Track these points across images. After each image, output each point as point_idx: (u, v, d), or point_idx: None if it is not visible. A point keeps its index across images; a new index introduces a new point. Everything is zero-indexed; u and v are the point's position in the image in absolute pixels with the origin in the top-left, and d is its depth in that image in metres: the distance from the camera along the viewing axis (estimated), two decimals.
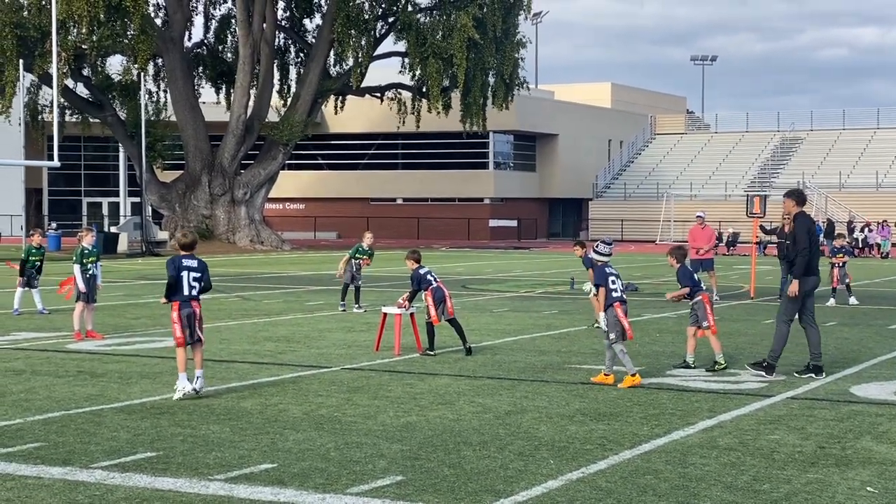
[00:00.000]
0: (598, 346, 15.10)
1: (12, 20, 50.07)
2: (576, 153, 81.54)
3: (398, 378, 13.42)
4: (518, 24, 59.19)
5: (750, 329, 19.30)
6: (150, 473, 8.57)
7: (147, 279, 32.43)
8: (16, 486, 8.20)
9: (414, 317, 16.24)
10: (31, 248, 22.04)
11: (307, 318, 21.03)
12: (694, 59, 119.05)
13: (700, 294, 14.39)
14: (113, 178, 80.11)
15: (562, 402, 11.76)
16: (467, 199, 76.71)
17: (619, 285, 13.21)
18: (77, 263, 18.06)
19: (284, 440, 9.79)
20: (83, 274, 17.98)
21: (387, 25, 59.44)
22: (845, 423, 10.75)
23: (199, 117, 57.60)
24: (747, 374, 13.79)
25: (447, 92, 58.45)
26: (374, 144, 78.69)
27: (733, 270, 37.45)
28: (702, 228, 26.21)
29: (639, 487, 8.26)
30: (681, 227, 69.29)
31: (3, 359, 15.05)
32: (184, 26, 58.26)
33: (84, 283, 17.89)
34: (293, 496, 7.96)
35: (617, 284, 13.17)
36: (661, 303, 24.62)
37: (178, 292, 11.99)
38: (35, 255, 21.80)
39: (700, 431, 10.31)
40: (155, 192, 57.38)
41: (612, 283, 13.13)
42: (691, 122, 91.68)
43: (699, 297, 14.36)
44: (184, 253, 12.16)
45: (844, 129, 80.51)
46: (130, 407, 11.41)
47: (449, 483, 8.33)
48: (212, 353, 15.57)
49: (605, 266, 13.38)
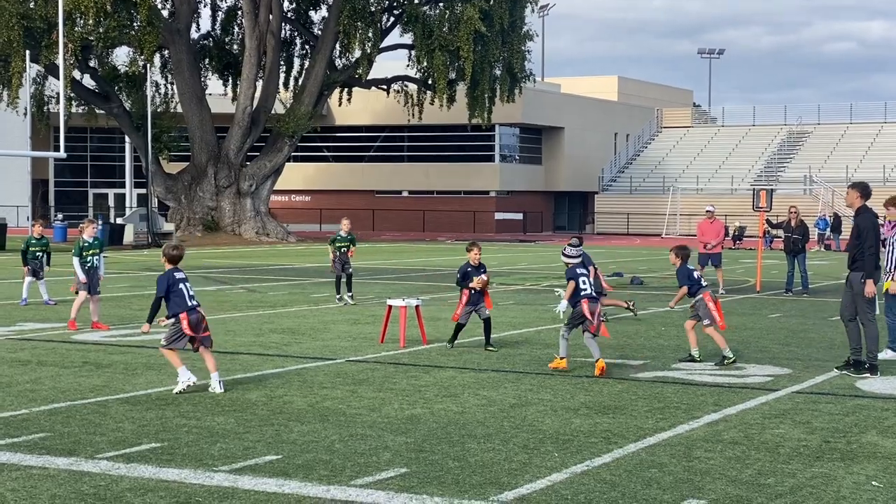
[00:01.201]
0: (602, 340, 15.09)
1: (19, 11, 50.11)
2: (582, 146, 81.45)
3: (403, 370, 13.42)
4: (525, 16, 59.14)
5: (756, 323, 19.28)
6: (155, 464, 8.58)
7: (153, 270, 32.43)
8: (21, 476, 8.22)
9: (419, 309, 16.24)
10: (30, 238, 21.96)
11: (312, 310, 21.03)
12: (701, 52, 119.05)
13: (702, 292, 14.33)
14: (119, 169, 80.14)
15: (566, 396, 11.76)
16: (473, 192, 76.66)
17: (588, 285, 13.65)
18: (76, 256, 18.13)
19: (289, 432, 9.80)
20: (82, 266, 18.04)
21: (393, 18, 59.40)
22: (850, 418, 10.73)
23: (206, 109, 57.60)
24: (752, 369, 13.76)
25: (453, 85, 58.42)
26: (380, 137, 78.66)
27: (739, 264, 37.41)
28: (710, 223, 26.15)
29: (643, 481, 8.25)
30: (687, 221, 69.31)
31: (10, 349, 15.07)
32: (190, 18, 58.27)
33: (84, 274, 17.95)
34: (297, 487, 7.96)
35: (587, 285, 13.63)
36: (666, 296, 24.58)
37: (181, 304, 11.72)
38: (35, 246, 21.61)
39: (705, 425, 10.30)
40: (161, 183, 57.41)
41: (582, 282, 13.60)
42: (698, 115, 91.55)
43: (700, 296, 14.30)
44: (172, 266, 11.94)
45: (851, 123, 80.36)
46: (136, 398, 11.42)
47: (453, 475, 8.33)
48: (217, 345, 15.54)
49: (575, 267, 13.82)
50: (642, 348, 15.66)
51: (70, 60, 49.73)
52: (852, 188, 13.88)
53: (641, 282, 28.62)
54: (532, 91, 70.55)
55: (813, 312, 21.25)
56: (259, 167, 58.60)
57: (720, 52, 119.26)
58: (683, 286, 14.40)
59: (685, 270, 14.50)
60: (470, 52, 54.62)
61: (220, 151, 57.43)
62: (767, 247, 47.04)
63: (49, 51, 49.98)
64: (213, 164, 57.17)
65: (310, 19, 63.44)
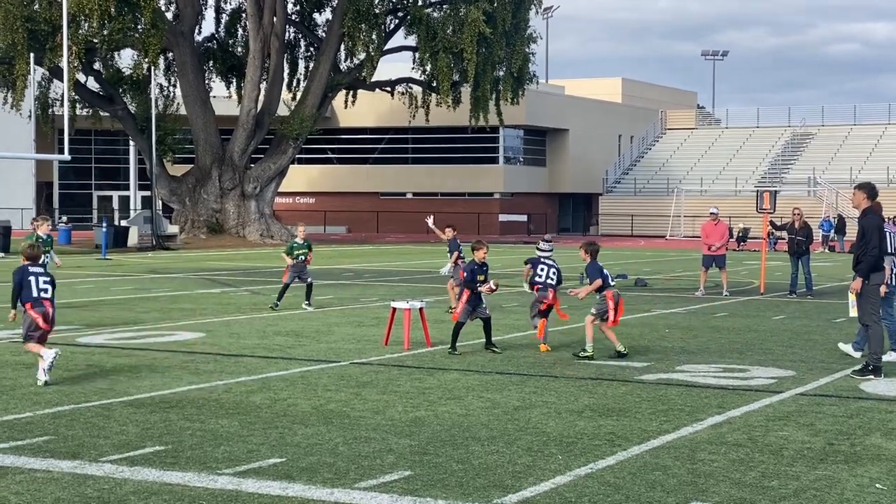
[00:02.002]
0: (607, 343, 15.09)
1: (23, 14, 50.14)
2: (586, 148, 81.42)
3: (407, 373, 13.43)
4: (528, 18, 59.08)
5: (760, 325, 19.26)
6: (158, 467, 8.59)
7: (157, 273, 32.47)
8: (25, 479, 8.22)
9: (423, 311, 16.25)
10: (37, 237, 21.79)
11: (316, 312, 21.04)
12: (705, 53, 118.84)
13: (606, 290, 14.76)
14: (123, 171, 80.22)
15: (570, 398, 11.76)
16: (477, 194, 76.66)
17: (546, 274, 15.44)
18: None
19: (293, 435, 9.80)
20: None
21: (397, 20, 59.42)
22: (855, 420, 10.72)
23: (210, 111, 57.65)
24: (757, 370, 13.76)
25: (457, 86, 58.42)
26: (385, 139, 78.69)
27: (743, 266, 37.38)
28: (715, 224, 26.17)
29: (647, 483, 8.25)
30: (691, 223, 69.28)
31: (14, 352, 15.08)
32: (194, 20, 58.31)
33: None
34: (301, 490, 7.97)
35: (544, 273, 15.44)
36: (670, 298, 24.60)
37: (27, 295, 12.76)
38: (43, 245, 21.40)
39: (709, 427, 10.30)
40: (165, 185, 57.45)
41: (539, 270, 15.49)
42: (702, 117, 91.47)
43: (604, 293, 14.75)
44: (28, 262, 13.09)
45: (856, 124, 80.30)
46: (139, 401, 11.43)
47: (457, 478, 8.33)
48: (222, 348, 15.60)
49: (541, 259, 15.62)
50: (647, 350, 15.66)
51: (74, 63, 49.78)
52: (859, 189, 13.85)
53: (646, 283, 28.61)
54: (536, 93, 70.55)
55: (817, 314, 21.23)
56: (263, 169, 58.63)
57: (724, 53, 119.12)
58: (597, 278, 14.81)
59: (597, 266, 14.96)
60: (473, 54, 54.61)
61: (224, 154, 57.46)
62: (771, 248, 47.04)
63: (53, 53, 50.00)
64: (218, 167, 57.20)
65: (314, 21, 63.49)
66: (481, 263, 15.35)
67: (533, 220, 77.32)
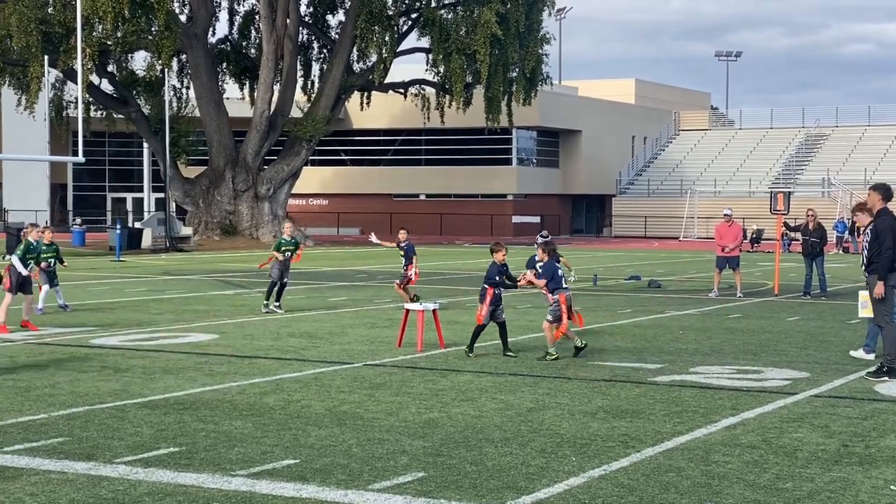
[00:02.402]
0: (620, 343, 15.08)
1: (37, 16, 50.27)
2: (599, 149, 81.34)
3: (420, 374, 13.43)
4: (542, 19, 59.02)
5: (774, 326, 19.22)
6: (173, 468, 8.61)
7: (170, 275, 32.54)
8: (40, 480, 8.25)
9: (436, 313, 16.24)
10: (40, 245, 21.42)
11: (330, 314, 21.06)
12: (718, 54, 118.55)
13: (559, 293, 14.77)
14: (137, 173, 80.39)
15: (584, 400, 11.74)
16: (490, 196, 76.63)
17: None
18: (18, 257, 18.51)
19: (307, 436, 9.81)
20: (25, 266, 18.40)
21: (410, 21, 59.43)
22: (869, 422, 10.69)
23: (223, 113, 57.75)
24: (771, 372, 13.72)
25: (470, 88, 58.41)
26: (398, 140, 78.73)
27: (757, 267, 37.30)
28: (729, 226, 26.12)
29: (661, 485, 8.24)
30: (704, 224, 69.15)
31: (28, 354, 15.14)
32: (208, 22, 58.43)
33: (17, 276, 18.22)
34: (315, 492, 7.98)
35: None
36: (684, 300, 24.56)
37: None
38: (46, 253, 20.63)
39: (723, 429, 10.28)
40: (179, 187, 57.56)
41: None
42: (715, 118, 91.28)
43: (558, 297, 14.75)
44: None
45: (870, 125, 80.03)
46: (154, 402, 11.46)
47: (471, 480, 8.33)
48: (235, 349, 15.63)
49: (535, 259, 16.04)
50: (660, 352, 15.63)
51: (88, 65, 49.92)
52: (873, 190, 13.78)
53: (659, 285, 28.57)
54: (549, 94, 70.48)
55: (831, 315, 21.17)
56: (276, 171, 58.71)
57: (737, 54, 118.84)
58: (543, 279, 14.92)
59: (552, 266, 15.05)
60: (486, 55, 54.58)
61: (237, 155, 57.55)
62: (785, 250, 46.91)
63: (67, 56, 50.13)
64: (231, 168, 57.29)
65: (327, 23, 63.54)
66: (502, 264, 15.37)
67: (546, 221, 77.26)
